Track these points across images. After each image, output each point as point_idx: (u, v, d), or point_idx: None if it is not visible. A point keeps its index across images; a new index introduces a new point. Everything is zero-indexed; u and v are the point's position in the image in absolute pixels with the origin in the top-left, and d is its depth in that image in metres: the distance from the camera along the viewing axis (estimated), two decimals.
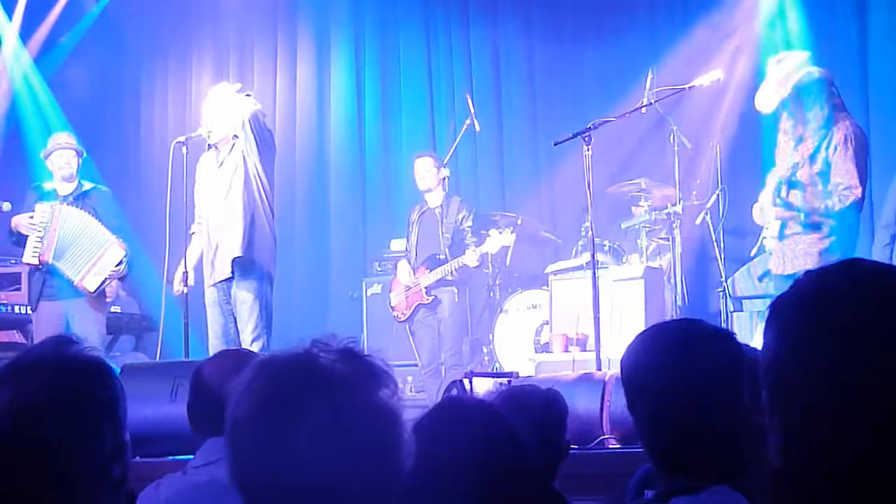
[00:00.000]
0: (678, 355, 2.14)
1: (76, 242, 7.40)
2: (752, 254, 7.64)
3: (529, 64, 10.34)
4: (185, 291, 6.66)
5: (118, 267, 7.45)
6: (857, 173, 5.82)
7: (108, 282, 7.48)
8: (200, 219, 6.84)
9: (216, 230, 6.68)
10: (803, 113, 5.90)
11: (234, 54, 10.90)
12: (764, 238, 6.35)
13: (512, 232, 8.29)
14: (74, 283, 7.37)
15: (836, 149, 5.83)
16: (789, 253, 5.93)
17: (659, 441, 2.14)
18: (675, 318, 6.51)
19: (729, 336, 2.19)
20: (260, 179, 6.68)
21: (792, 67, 5.94)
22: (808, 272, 1.44)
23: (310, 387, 1.50)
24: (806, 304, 1.39)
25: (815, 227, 5.88)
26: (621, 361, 2.24)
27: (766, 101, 6.00)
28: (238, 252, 6.58)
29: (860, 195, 5.83)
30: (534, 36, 10.33)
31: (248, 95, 6.73)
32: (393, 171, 10.26)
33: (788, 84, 5.85)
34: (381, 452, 1.51)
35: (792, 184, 5.94)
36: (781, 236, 5.98)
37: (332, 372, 1.51)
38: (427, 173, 8.57)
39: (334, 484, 1.46)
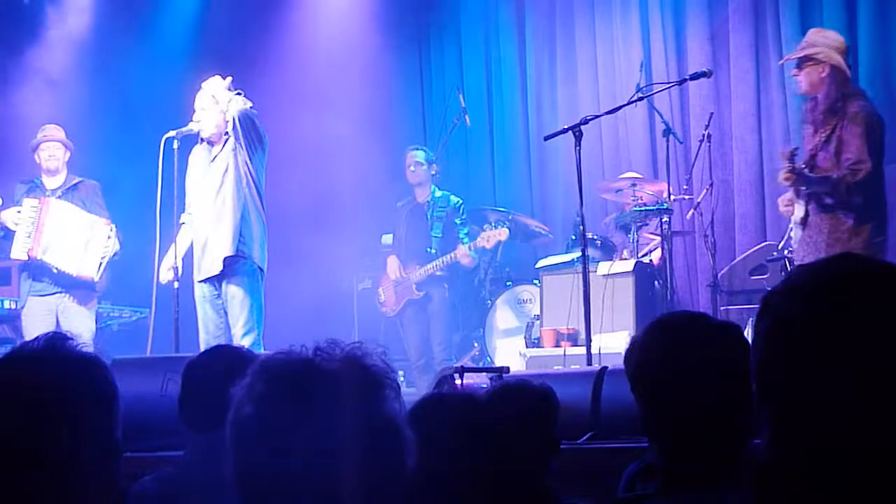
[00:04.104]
0: (686, 348, 2.13)
1: (65, 235, 7.40)
2: (779, 246, 7.59)
3: (521, 58, 10.34)
4: (176, 285, 6.65)
5: (108, 242, 7.46)
6: (866, 149, 5.86)
7: (104, 260, 7.48)
8: (191, 209, 6.84)
9: (206, 226, 6.68)
10: (826, 93, 5.97)
11: (226, 46, 10.86)
12: (791, 228, 6.37)
13: (506, 226, 8.30)
14: (75, 276, 7.37)
15: (846, 127, 5.89)
16: (812, 244, 5.94)
17: (664, 433, 2.14)
18: (680, 311, 6.49)
19: (737, 329, 2.20)
20: (250, 175, 6.67)
21: (833, 43, 6.02)
22: (800, 266, 1.44)
23: (312, 392, 1.50)
24: (798, 298, 1.38)
25: (831, 208, 5.91)
26: (626, 353, 2.23)
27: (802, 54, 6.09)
28: (229, 251, 6.57)
29: (868, 169, 5.86)
30: (525, 31, 10.33)
31: (238, 93, 6.71)
32: (384, 165, 10.23)
33: (831, 56, 5.93)
34: (383, 456, 1.51)
35: (813, 168, 5.98)
36: (805, 224, 6.00)
37: (333, 378, 1.51)
38: (419, 167, 8.58)
39: (336, 487, 1.46)
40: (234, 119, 6.60)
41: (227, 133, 6.66)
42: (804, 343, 1.34)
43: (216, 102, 6.65)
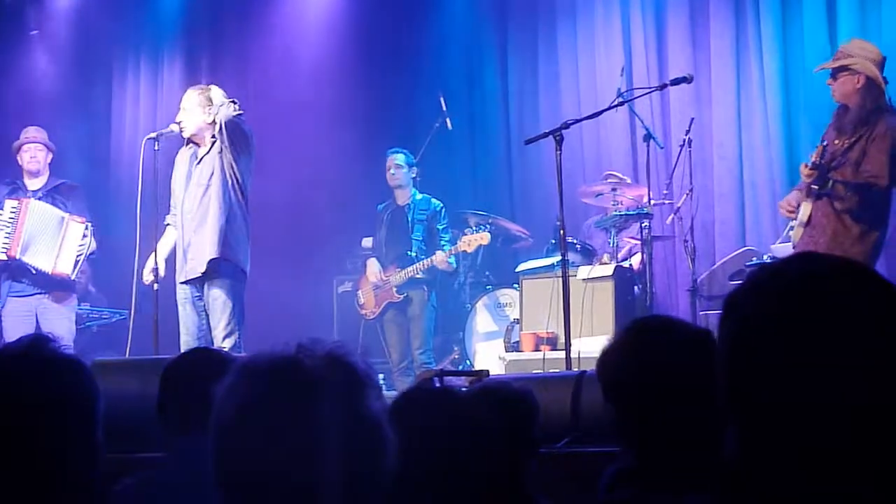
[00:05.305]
0: (659, 352, 2.15)
1: (42, 234, 7.39)
2: (775, 244, 7.60)
3: (502, 62, 10.36)
4: (156, 287, 6.64)
5: (84, 240, 7.45)
6: (887, 165, 5.89)
7: (80, 258, 7.47)
8: (175, 209, 6.84)
9: (190, 227, 6.67)
10: (859, 103, 6.00)
11: (206, 50, 10.85)
12: (791, 227, 6.38)
13: (487, 230, 8.32)
14: (51, 273, 7.36)
15: (873, 140, 5.91)
16: (812, 244, 5.95)
17: (638, 437, 2.15)
18: (653, 315, 6.51)
19: (710, 334, 2.21)
20: (235, 178, 6.68)
21: (870, 54, 6.04)
22: (762, 266, 1.44)
23: (294, 391, 1.50)
24: (762, 298, 1.38)
25: (840, 212, 5.94)
26: (600, 357, 2.24)
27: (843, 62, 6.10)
28: (213, 253, 6.57)
29: (884, 185, 5.89)
30: (507, 33, 10.35)
31: (233, 102, 6.72)
32: (365, 168, 10.23)
33: (867, 67, 5.95)
34: (365, 455, 1.52)
35: (829, 171, 6.00)
36: (809, 224, 6.03)
37: (316, 376, 1.52)
38: (399, 170, 8.57)
39: (318, 486, 1.47)
40: (221, 125, 6.62)
41: (214, 136, 6.67)
42: (768, 343, 1.34)
43: (210, 105, 6.67)
